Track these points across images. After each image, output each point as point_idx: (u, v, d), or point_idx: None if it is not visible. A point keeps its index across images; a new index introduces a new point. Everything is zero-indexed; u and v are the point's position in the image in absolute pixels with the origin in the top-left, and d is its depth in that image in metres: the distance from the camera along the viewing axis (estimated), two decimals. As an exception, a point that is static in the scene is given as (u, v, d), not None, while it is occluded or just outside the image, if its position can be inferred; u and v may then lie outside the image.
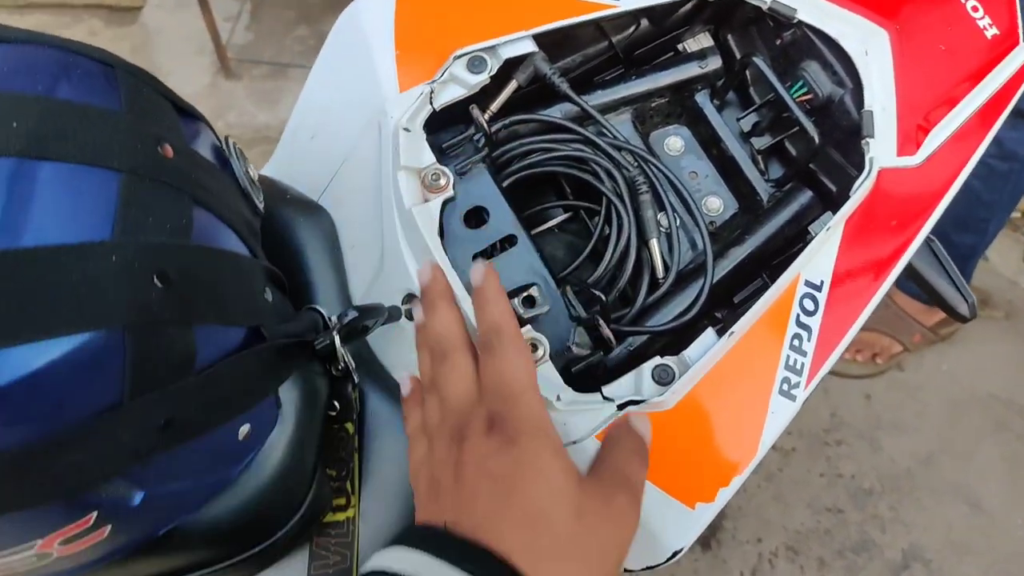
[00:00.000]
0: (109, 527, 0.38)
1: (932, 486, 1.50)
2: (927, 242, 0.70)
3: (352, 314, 0.48)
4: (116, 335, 0.33)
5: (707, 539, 1.43)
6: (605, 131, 0.56)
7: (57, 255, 0.32)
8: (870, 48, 0.51)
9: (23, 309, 0.30)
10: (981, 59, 0.53)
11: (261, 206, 0.47)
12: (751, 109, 0.57)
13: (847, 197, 0.50)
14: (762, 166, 0.57)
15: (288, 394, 0.46)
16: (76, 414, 0.33)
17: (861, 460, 1.52)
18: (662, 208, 0.55)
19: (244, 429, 0.43)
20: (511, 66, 0.54)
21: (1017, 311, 1.72)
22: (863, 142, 0.50)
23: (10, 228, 0.31)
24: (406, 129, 0.52)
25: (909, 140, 0.51)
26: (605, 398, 0.48)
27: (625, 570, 0.50)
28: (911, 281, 0.72)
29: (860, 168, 0.50)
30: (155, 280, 0.35)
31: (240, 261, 0.42)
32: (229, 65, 1.78)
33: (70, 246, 0.32)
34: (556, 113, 0.56)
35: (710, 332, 0.49)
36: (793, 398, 0.48)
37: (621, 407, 0.48)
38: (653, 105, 0.58)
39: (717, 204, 0.58)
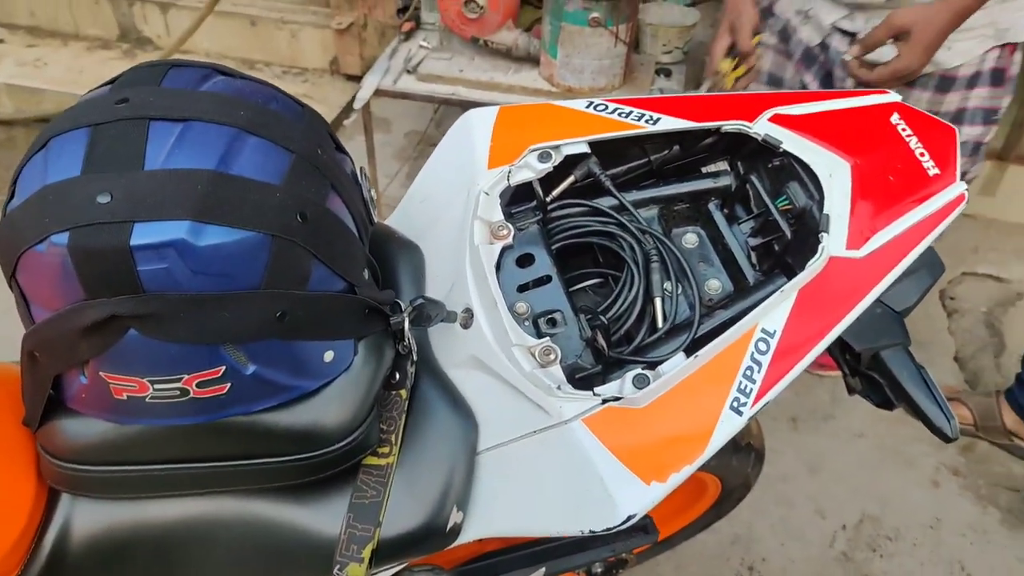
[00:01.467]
0: (228, 386, 0.56)
1: None
2: (918, 370, 0.82)
3: (420, 301, 0.66)
4: (267, 239, 0.53)
5: None
6: (634, 219, 0.74)
7: (248, 183, 0.53)
8: (834, 173, 0.68)
9: (223, 204, 0.51)
10: (922, 187, 0.68)
11: (375, 216, 0.67)
12: (749, 217, 0.74)
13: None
14: (753, 259, 0.73)
15: (364, 349, 0.64)
16: (232, 284, 0.53)
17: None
18: (668, 278, 0.72)
19: (329, 354, 0.61)
20: (570, 163, 0.75)
21: None
22: (820, 234, 0.66)
23: (226, 163, 0.53)
24: (486, 193, 0.72)
25: (857, 240, 0.66)
26: (594, 394, 0.63)
27: (589, 531, 0.62)
28: (899, 399, 0.83)
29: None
30: (297, 217, 0.55)
31: (352, 238, 0.62)
32: (380, 209, 2.11)
33: (258, 181, 0.53)
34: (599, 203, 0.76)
35: (681, 354, 0.64)
36: (740, 414, 0.61)
37: (604, 401, 0.63)
38: (676, 208, 0.77)
39: (717, 285, 0.74)
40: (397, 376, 0.68)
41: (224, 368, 0.55)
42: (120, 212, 0.50)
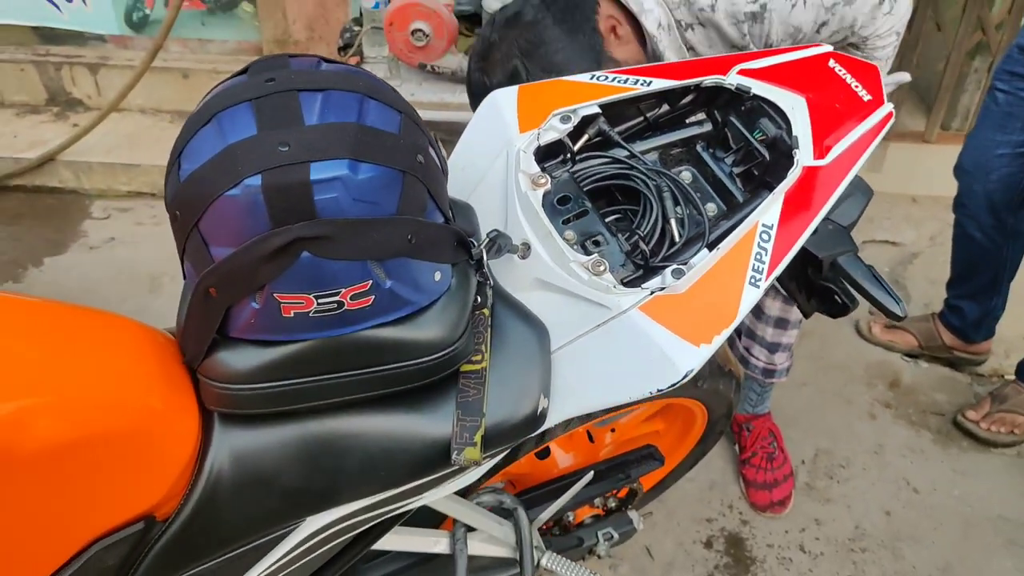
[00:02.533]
0: (372, 298, 0.70)
1: (952, 590, 1.64)
2: (869, 268, 1.02)
3: (495, 233, 0.82)
4: (400, 175, 0.68)
5: (744, 623, 1.58)
6: (642, 163, 0.92)
7: (381, 132, 0.68)
8: (795, 106, 0.89)
9: (369, 147, 0.66)
10: (861, 111, 0.89)
11: (447, 169, 0.83)
12: (731, 151, 0.94)
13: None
14: (738, 184, 0.93)
15: (457, 274, 0.79)
16: (377, 211, 0.67)
17: (884, 566, 1.68)
18: (677, 203, 0.90)
19: (437, 275, 0.76)
20: (586, 122, 0.93)
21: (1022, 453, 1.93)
22: (794, 152, 0.86)
23: (362, 118, 0.68)
24: (524, 151, 0.89)
25: (821, 152, 0.86)
26: (643, 288, 0.80)
27: (657, 390, 0.78)
28: (859, 294, 1.03)
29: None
30: (417, 158, 0.70)
31: (444, 182, 0.77)
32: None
33: (386, 131, 0.69)
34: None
35: (704, 250, 0.82)
36: (757, 287, 0.80)
37: (652, 292, 0.80)
38: (671, 152, 0.96)
39: (712, 207, 0.92)
40: (479, 299, 0.83)
41: (371, 282, 0.69)
42: (298, 155, 0.64)
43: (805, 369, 2.10)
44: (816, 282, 1.05)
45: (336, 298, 0.69)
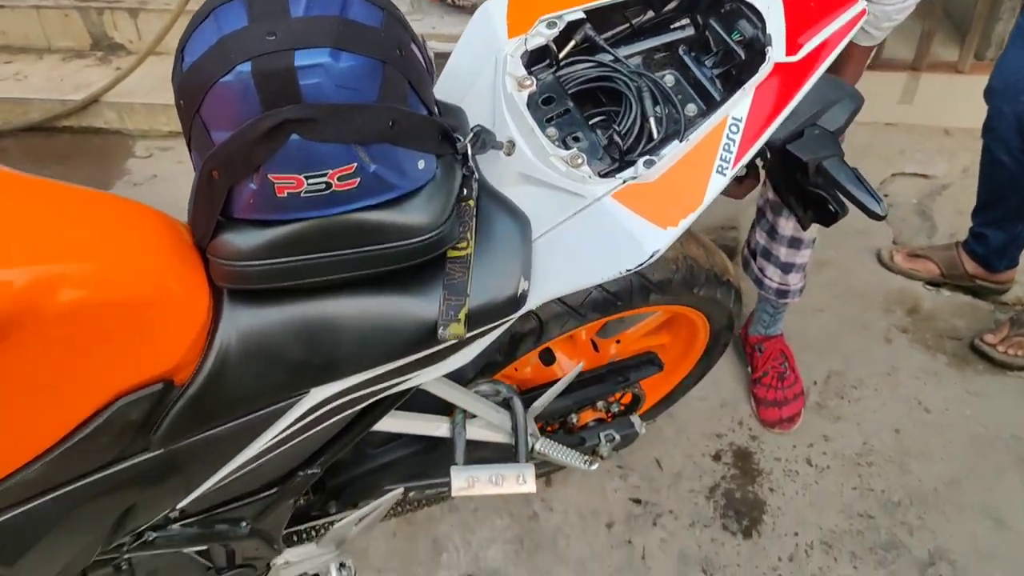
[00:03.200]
0: (358, 180, 0.77)
1: (958, 503, 1.68)
2: (852, 170, 1.06)
3: (478, 128, 0.88)
4: (380, 64, 0.74)
5: (748, 529, 1.64)
6: (625, 66, 0.97)
7: (362, 25, 0.74)
8: (770, 5, 0.92)
9: (350, 38, 0.72)
10: (833, 7, 0.92)
11: (433, 69, 0.89)
12: (712, 54, 0.98)
13: None
14: (718, 84, 0.97)
15: (442, 165, 0.85)
16: (359, 97, 0.74)
17: (890, 479, 1.73)
18: (657, 103, 0.95)
19: (421, 163, 0.82)
20: (572, 28, 0.97)
21: (1039, 375, 1.94)
22: (766, 48, 0.89)
23: (345, 12, 0.74)
24: (511, 56, 0.94)
25: (793, 49, 0.89)
26: (616, 178, 0.86)
27: (626, 270, 0.84)
28: (841, 194, 1.06)
29: None
30: (397, 50, 0.76)
31: (427, 79, 0.83)
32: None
33: (367, 25, 0.75)
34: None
35: (676, 141, 0.86)
36: (724, 174, 0.84)
37: (624, 181, 0.85)
38: (655, 57, 1.00)
39: (693, 108, 0.97)
40: (464, 191, 0.89)
41: (355, 165, 0.76)
42: (284, 43, 0.70)
43: (822, 296, 2.13)
44: (807, 189, 1.09)
45: (324, 179, 0.76)
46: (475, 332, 0.90)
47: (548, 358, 1.42)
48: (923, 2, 1.80)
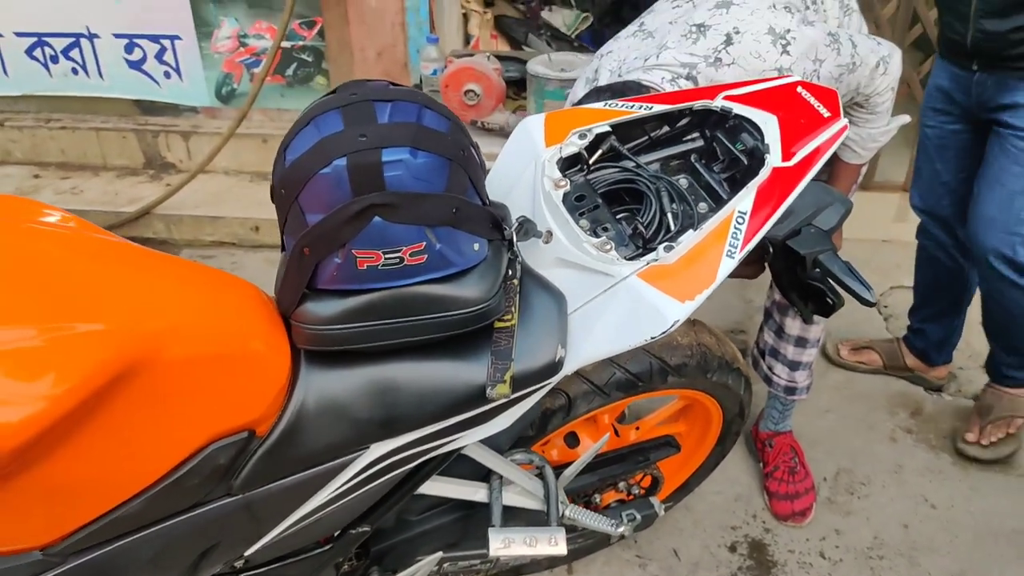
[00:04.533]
0: (425, 256, 0.92)
1: (967, 596, 1.73)
2: (846, 263, 1.20)
3: (522, 218, 1.04)
4: (447, 162, 0.91)
5: (765, 618, 1.69)
6: (645, 171, 1.14)
7: (434, 131, 0.91)
8: (767, 122, 1.09)
9: (425, 140, 0.89)
10: (820, 123, 1.09)
11: (485, 169, 1.05)
12: (719, 161, 1.15)
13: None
14: (725, 187, 1.13)
15: (492, 248, 1.00)
16: (431, 187, 0.90)
17: (901, 572, 1.78)
18: (673, 201, 1.11)
19: (476, 245, 0.97)
20: (599, 139, 1.15)
21: (1041, 474, 2.02)
22: (765, 155, 1.06)
23: (420, 120, 0.91)
24: (548, 161, 1.12)
25: (787, 156, 1.06)
26: (640, 260, 1.01)
27: (650, 337, 0.97)
28: (836, 284, 1.20)
29: None
30: (461, 151, 0.93)
31: (482, 175, 0.99)
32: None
33: (438, 131, 0.92)
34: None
35: (691, 231, 1.02)
36: (732, 257, 0.99)
37: (648, 263, 1.00)
38: (671, 164, 1.17)
39: (704, 206, 1.13)
40: (510, 272, 1.04)
41: (425, 243, 0.91)
42: (373, 143, 0.87)
43: (830, 398, 2.24)
44: (805, 282, 1.23)
45: (398, 254, 0.91)
46: (518, 395, 1.02)
47: (572, 441, 1.52)
48: (913, 131, 2.02)
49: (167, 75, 3.10)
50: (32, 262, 0.85)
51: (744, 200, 1.04)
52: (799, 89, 1.15)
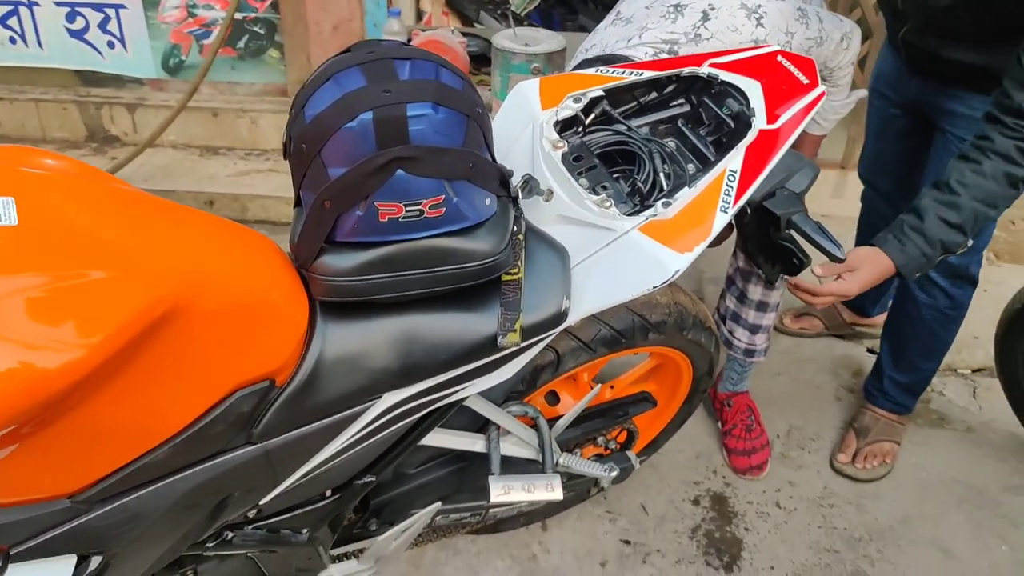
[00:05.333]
0: (444, 210, 0.96)
1: (911, 538, 1.87)
2: (817, 223, 1.29)
3: (527, 176, 1.09)
4: (465, 118, 0.95)
5: (729, 564, 1.79)
6: (637, 134, 1.20)
7: (452, 88, 0.95)
8: (752, 88, 1.17)
9: (446, 96, 0.93)
10: (800, 90, 1.17)
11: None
12: (705, 125, 1.22)
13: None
14: (711, 149, 1.20)
15: (500, 204, 1.05)
16: (450, 142, 0.94)
17: (850, 518, 1.91)
18: (665, 162, 1.17)
19: (488, 200, 1.01)
20: (593, 103, 1.20)
21: (972, 428, 2.18)
22: (752, 119, 1.13)
23: (439, 77, 0.95)
24: (546, 123, 1.17)
25: (772, 119, 1.14)
26: (640, 215, 1.07)
27: (653, 286, 1.04)
28: (808, 242, 1.29)
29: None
30: (477, 108, 0.97)
31: (491, 134, 1.04)
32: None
33: (455, 88, 0.95)
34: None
35: (686, 188, 1.09)
36: (726, 212, 1.06)
37: (647, 217, 1.07)
38: (660, 128, 1.24)
39: (692, 168, 1.20)
40: (515, 228, 1.09)
41: (444, 196, 0.95)
42: (399, 98, 0.90)
43: (780, 362, 2.36)
44: (776, 242, 1.32)
45: (419, 207, 0.95)
46: (526, 343, 1.07)
47: (553, 399, 1.59)
48: (851, 111, 2.14)
49: (111, 45, 3.01)
50: (55, 211, 0.86)
51: (734, 159, 1.11)
52: (779, 58, 1.23)
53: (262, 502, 1.08)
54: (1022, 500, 1.97)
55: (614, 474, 1.45)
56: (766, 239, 1.33)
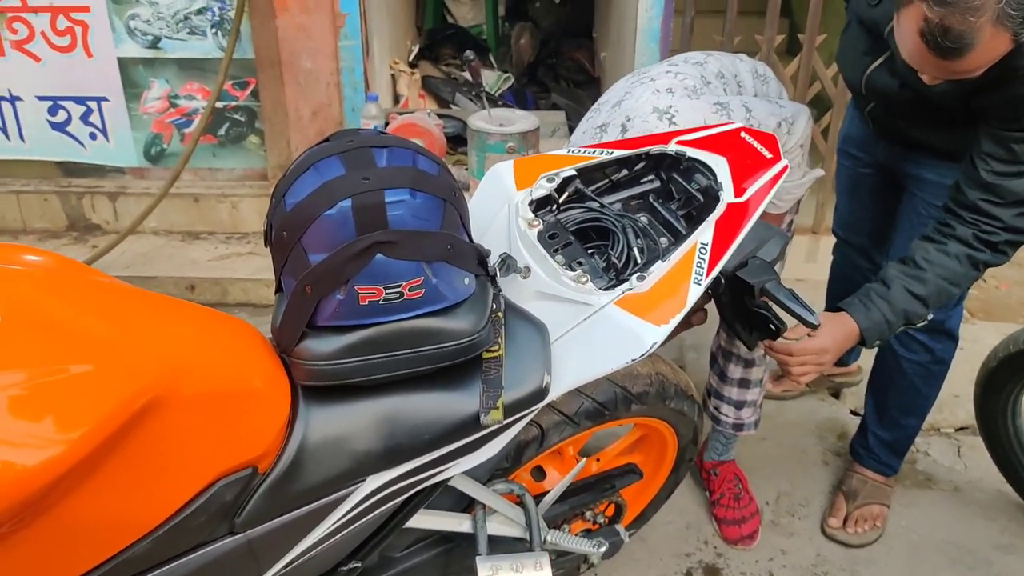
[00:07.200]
0: (423, 291, 0.98)
1: (906, 603, 1.85)
2: (789, 290, 1.32)
3: (504, 254, 1.11)
4: (442, 202, 0.98)
5: (725, 638, 1.76)
6: (610, 211, 1.23)
7: (428, 174, 0.98)
8: (718, 164, 1.21)
9: (423, 182, 0.96)
10: (764, 164, 1.22)
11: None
12: (675, 200, 1.26)
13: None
14: (682, 222, 1.24)
15: (479, 283, 1.07)
16: (428, 226, 0.96)
17: (845, 585, 1.89)
18: (638, 236, 1.20)
19: (467, 279, 1.03)
20: (567, 182, 1.24)
21: (959, 488, 2.18)
22: (720, 193, 1.17)
23: (416, 164, 0.98)
24: (521, 203, 1.20)
25: (739, 193, 1.18)
26: (616, 290, 1.09)
27: (631, 359, 1.05)
28: (782, 310, 1.31)
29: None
30: (453, 192, 1.00)
31: (468, 214, 1.06)
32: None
33: (433, 174, 0.99)
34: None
35: (659, 262, 1.11)
36: (699, 284, 1.09)
37: (623, 292, 1.09)
38: (631, 204, 1.27)
39: (664, 241, 1.23)
40: (495, 306, 1.10)
41: (423, 278, 0.97)
42: (376, 185, 0.93)
43: (764, 427, 2.34)
44: (752, 309, 1.34)
45: (399, 289, 0.96)
46: (508, 420, 1.08)
47: (539, 475, 1.58)
48: (816, 181, 2.19)
49: (92, 136, 3.06)
50: (35, 306, 0.86)
51: (705, 232, 1.15)
52: (742, 134, 1.28)
53: (245, 595, 1.05)
54: (1013, 559, 1.96)
55: (603, 549, 1.44)
56: (742, 307, 1.36)
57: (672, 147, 1.27)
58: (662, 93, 1.48)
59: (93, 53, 2.90)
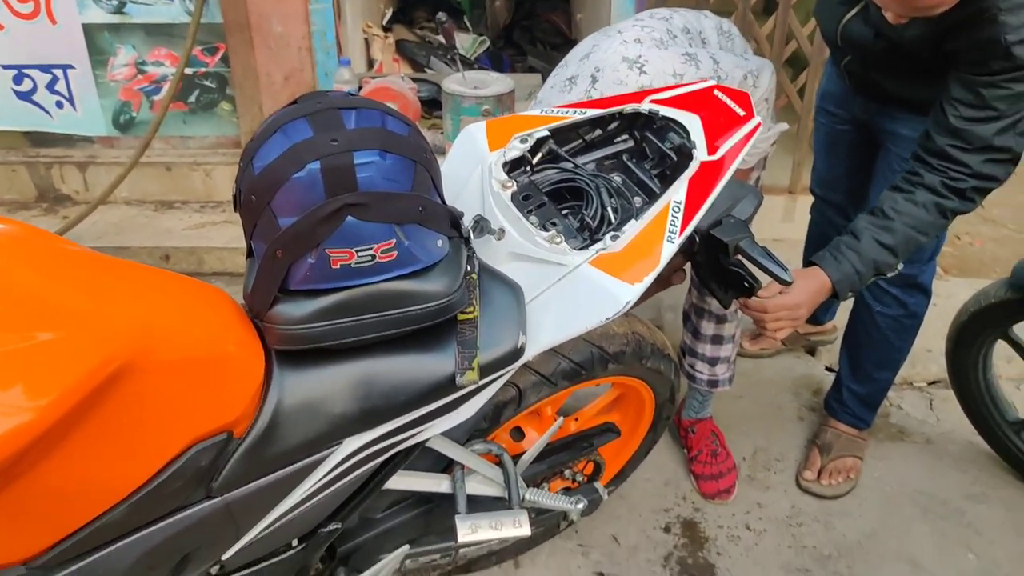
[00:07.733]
0: (395, 254, 0.97)
1: (879, 552, 1.90)
2: (763, 248, 1.33)
3: (478, 216, 1.10)
4: (412, 163, 0.97)
5: (703, 590, 1.80)
6: (584, 171, 1.23)
7: (398, 135, 0.97)
8: (692, 122, 1.21)
9: (392, 143, 0.95)
10: (737, 122, 1.22)
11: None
12: (648, 159, 1.26)
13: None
14: (656, 182, 1.24)
15: (452, 245, 1.06)
16: (398, 187, 0.96)
17: (819, 536, 1.94)
18: (612, 196, 1.20)
19: (440, 242, 1.03)
20: (539, 143, 1.23)
21: (931, 440, 2.23)
22: (693, 150, 1.17)
23: (385, 125, 0.97)
24: (494, 164, 1.19)
25: (712, 151, 1.17)
26: (590, 250, 1.09)
27: (606, 318, 1.06)
28: (756, 267, 1.32)
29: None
30: (424, 153, 0.99)
31: (440, 177, 1.06)
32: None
33: (401, 134, 0.98)
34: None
35: (633, 220, 1.11)
36: (672, 242, 1.09)
37: (596, 252, 1.09)
38: (605, 163, 1.27)
39: (638, 200, 1.23)
40: (468, 268, 1.10)
41: (394, 241, 0.96)
42: (345, 147, 0.92)
43: (741, 384, 2.38)
44: (727, 268, 1.35)
45: (370, 252, 0.96)
46: (484, 381, 1.08)
47: (518, 435, 1.59)
48: (793, 139, 2.18)
49: (59, 105, 2.99)
50: (5, 274, 0.85)
51: (678, 191, 1.15)
52: (716, 92, 1.27)
53: (225, 557, 1.06)
54: (984, 508, 2.01)
55: (582, 506, 1.46)
56: (716, 266, 1.36)
57: (645, 106, 1.26)
58: (631, 43, 1.47)
59: (57, 19, 2.83)
